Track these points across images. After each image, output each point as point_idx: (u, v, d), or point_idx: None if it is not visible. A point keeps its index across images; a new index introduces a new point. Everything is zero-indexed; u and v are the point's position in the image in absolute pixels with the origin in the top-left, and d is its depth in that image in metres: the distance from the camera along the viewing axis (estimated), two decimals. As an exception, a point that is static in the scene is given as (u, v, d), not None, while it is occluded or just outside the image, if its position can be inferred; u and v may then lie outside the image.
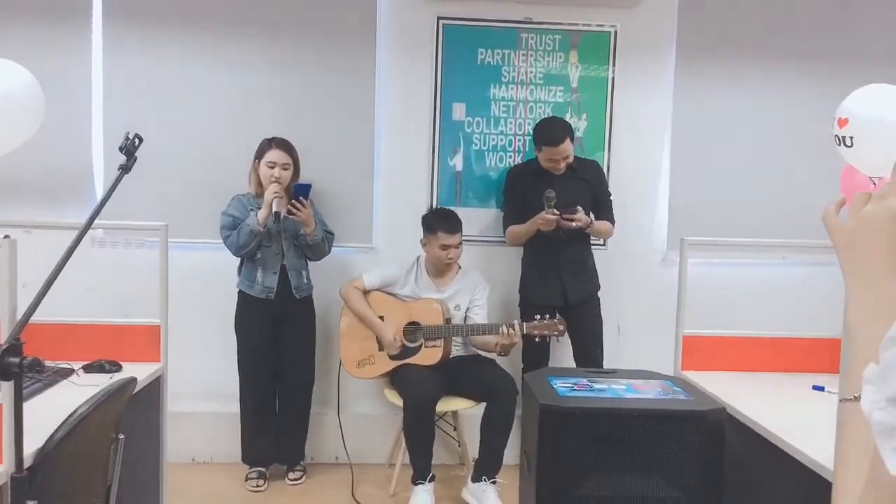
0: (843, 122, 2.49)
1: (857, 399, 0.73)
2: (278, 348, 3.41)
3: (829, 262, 3.49)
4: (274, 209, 3.16)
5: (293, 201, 3.19)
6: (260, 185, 3.29)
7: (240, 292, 3.39)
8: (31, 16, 3.55)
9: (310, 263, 3.46)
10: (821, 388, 2.61)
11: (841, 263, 0.85)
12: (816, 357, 2.80)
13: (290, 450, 3.52)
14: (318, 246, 3.33)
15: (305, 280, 3.42)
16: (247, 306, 3.38)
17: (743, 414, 2.28)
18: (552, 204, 3.24)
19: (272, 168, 3.25)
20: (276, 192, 3.17)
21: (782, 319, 3.63)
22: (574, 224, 3.26)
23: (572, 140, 3.37)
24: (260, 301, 3.33)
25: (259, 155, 3.31)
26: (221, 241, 3.31)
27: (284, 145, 3.31)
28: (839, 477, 0.77)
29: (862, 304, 0.80)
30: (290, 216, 3.20)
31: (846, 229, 0.84)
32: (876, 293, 0.79)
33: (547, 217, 3.24)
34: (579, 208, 3.28)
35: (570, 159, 3.37)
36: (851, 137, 2.45)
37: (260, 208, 3.21)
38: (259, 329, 3.37)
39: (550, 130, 3.36)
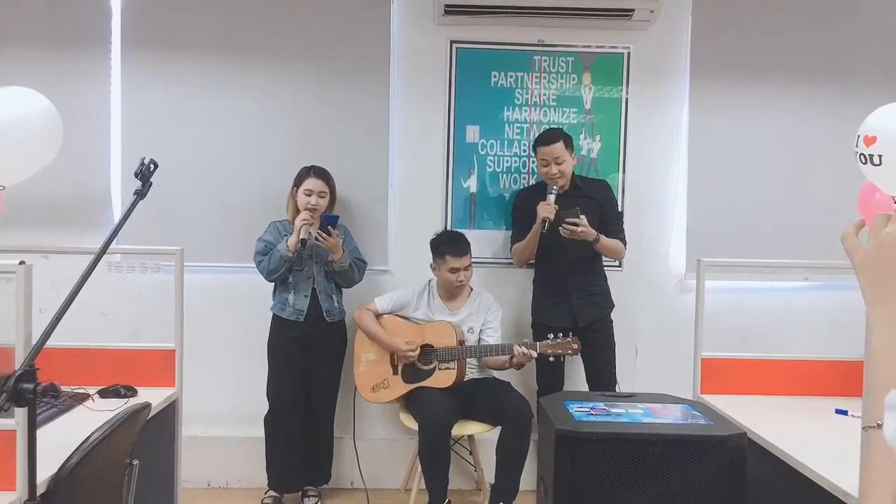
0: (870, 140, 2.41)
1: (880, 426, 0.71)
2: (307, 371, 3.41)
3: (851, 284, 3.48)
4: (301, 236, 3.22)
5: (320, 230, 3.23)
6: (297, 211, 3.34)
7: (273, 316, 3.42)
8: (51, 42, 3.60)
9: (343, 290, 3.48)
10: (844, 412, 2.55)
11: (861, 285, 0.83)
12: (839, 380, 2.74)
13: (318, 471, 3.52)
14: (345, 273, 3.36)
15: (336, 304, 3.44)
16: (279, 329, 3.41)
17: (765, 439, 2.24)
18: (553, 190, 3.26)
19: (309, 196, 3.32)
20: (304, 220, 3.25)
21: (803, 342, 3.56)
22: (580, 230, 3.17)
23: (569, 149, 3.36)
24: (291, 323, 3.36)
25: (297, 182, 3.38)
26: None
27: (322, 174, 3.37)
28: (865, 506, 0.74)
29: (882, 327, 0.78)
30: (318, 243, 3.25)
31: (865, 251, 0.83)
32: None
33: (546, 205, 3.23)
34: (580, 213, 3.19)
35: (564, 168, 3.32)
36: (881, 156, 2.38)
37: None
38: (289, 351, 3.39)
39: (545, 133, 3.43)
